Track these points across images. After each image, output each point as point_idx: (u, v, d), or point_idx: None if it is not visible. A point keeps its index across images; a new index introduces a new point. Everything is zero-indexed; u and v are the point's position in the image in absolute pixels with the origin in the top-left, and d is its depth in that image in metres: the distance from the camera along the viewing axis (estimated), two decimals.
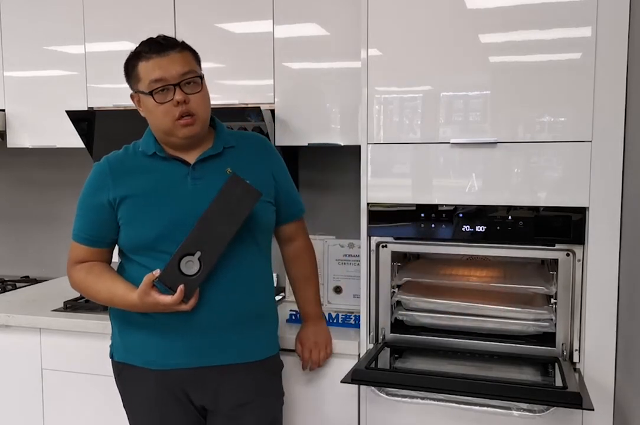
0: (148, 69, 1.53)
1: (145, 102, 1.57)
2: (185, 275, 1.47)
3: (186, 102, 1.53)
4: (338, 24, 2.10)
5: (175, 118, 1.54)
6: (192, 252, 1.47)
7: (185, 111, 1.53)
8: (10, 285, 2.67)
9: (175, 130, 1.56)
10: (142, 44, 1.57)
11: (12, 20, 2.48)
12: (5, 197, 3.01)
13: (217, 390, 1.64)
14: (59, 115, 2.31)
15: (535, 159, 1.70)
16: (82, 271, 1.64)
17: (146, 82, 1.54)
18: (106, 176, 1.61)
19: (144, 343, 1.62)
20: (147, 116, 1.61)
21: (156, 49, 1.53)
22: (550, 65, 1.67)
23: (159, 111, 1.54)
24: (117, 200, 1.59)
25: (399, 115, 1.81)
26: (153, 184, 1.59)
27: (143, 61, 1.54)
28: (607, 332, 1.68)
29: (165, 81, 1.52)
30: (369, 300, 1.88)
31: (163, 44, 1.54)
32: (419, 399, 1.71)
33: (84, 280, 1.64)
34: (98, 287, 1.61)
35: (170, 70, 1.52)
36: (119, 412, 1.76)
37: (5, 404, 2.27)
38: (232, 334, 1.61)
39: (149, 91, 1.53)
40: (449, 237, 1.80)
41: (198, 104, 1.55)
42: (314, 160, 2.48)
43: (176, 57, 1.53)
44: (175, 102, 1.52)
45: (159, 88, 1.52)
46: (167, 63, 1.52)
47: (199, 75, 1.57)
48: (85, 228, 1.64)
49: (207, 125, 1.63)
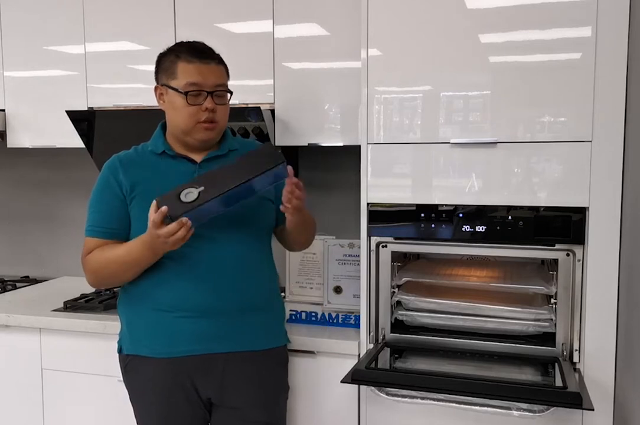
0: (188, 70, 1.61)
1: (173, 99, 1.64)
2: (181, 201, 1.50)
3: (213, 111, 1.63)
4: (338, 24, 2.10)
5: (200, 121, 1.62)
6: (195, 186, 1.51)
7: (211, 117, 1.63)
8: (10, 285, 2.67)
9: (194, 131, 1.64)
10: (185, 45, 1.65)
11: (12, 20, 2.48)
12: (5, 197, 3.01)
13: (223, 378, 1.66)
14: (59, 115, 2.31)
15: (535, 159, 1.70)
16: (97, 252, 1.65)
17: (183, 82, 1.61)
18: (117, 169, 1.67)
19: (152, 333, 1.65)
20: (170, 111, 1.67)
21: (199, 55, 1.62)
22: (550, 65, 1.67)
23: (187, 111, 1.62)
24: (129, 192, 1.64)
25: (399, 115, 1.81)
26: (161, 180, 1.65)
27: (184, 62, 1.62)
28: (607, 332, 1.68)
29: (201, 87, 1.61)
30: (369, 300, 1.89)
31: (206, 53, 1.64)
32: (419, 399, 1.71)
33: (102, 255, 1.64)
34: (117, 251, 1.62)
35: (208, 79, 1.62)
36: (119, 412, 1.77)
37: (5, 404, 2.27)
38: (238, 322, 1.65)
39: (185, 92, 1.60)
40: (449, 237, 1.80)
41: (221, 114, 1.66)
42: (314, 160, 2.48)
43: (215, 68, 1.64)
44: (204, 108, 1.61)
45: (194, 91, 1.60)
46: (207, 71, 1.62)
47: (228, 90, 1.68)
48: (102, 221, 1.66)
49: (221, 134, 1.73)
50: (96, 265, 1.65)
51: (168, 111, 1.68)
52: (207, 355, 1.64)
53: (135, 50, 2.30)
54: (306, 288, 2.35)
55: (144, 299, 1.65)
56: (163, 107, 1.69)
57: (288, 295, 2.34)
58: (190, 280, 1.62)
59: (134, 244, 1.60)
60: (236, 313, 1.65)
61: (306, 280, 2.35)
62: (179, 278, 1.62)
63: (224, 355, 1.65)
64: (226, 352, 1.65)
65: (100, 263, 1.64)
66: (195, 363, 1.64)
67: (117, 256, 1.62)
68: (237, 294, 1.65)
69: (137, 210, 1.63)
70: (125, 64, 2.31)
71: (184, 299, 1.62)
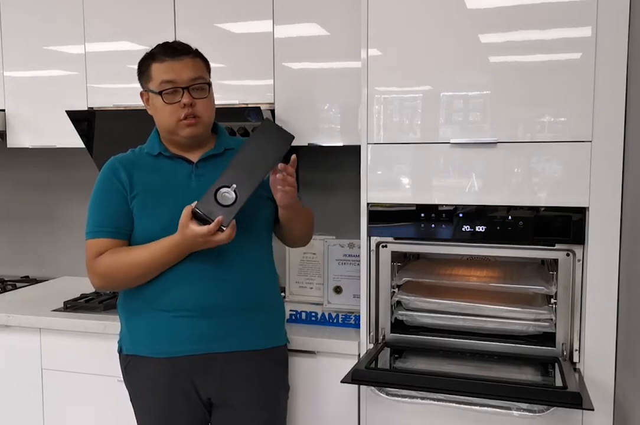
0: (161, 70, 1.61)
1: (154, 101, 1.65)
2: (222, 205, 1.51)
3: (192, 106, 1.61)
4: (338, 24, 2.10)
5: (180, 118, 1.62)
6: (227, 185, 1.52)
7: (190, 113, 1.62)
8: (10, 285, 2.67)
9: (178, 129, 1.64)
10: (158, 46, 1.65)
11: (12, 20, 2.48)
12: (5, 197, 3.01)
13: (223, 378, 1.66)
14: (59, 115, 2.31)
15: (535, 159, 1.70)
16: (109, 255, 1.62)
17: (157, 82, 1.62)
18: (118, 169, 1.67)
19: (152, 333, 1.65)
20: (154, 114, 1.69)
21: (171, 53, 1.61)
22: (550, 65, 1.67)
23: (166, 111, 1.62)
24: (130, 191, 1.64)
25: (399, 115, 1.81)
26: (159, 180, 1.66)
27: (157, 62, 1.62)
28: (607, 332, 1.68)
29: (175, 83, 1.60)
30: (369, 300, 1.89)
31: (178, 49, 1.63)
32: (419, 399, 1.71)
33: (115, 260, 1.61)
34: (133, 254, 1.60)
35: (182, 74, 1.61)
36: (119, 412, 1.77)
37: (5, 404, 2.28)
38: (239, 321, 1.65)
39: (159, 91, 1.61)
40: (449, 237, 1.80)
41: (203, 108, 1.64)
42: (314, 160, 2.48)
43: (189, 63, 1.62)
44: (182, 104, 1.61)
45: (168, 89, 1.60)
46: (179, 67, 1.61)
47: (207, 82, 1.66)
48: (108, 221, 1.64)
49: (209, 128, 1.71)
50: (107, 268, 1.62)
51: (153, 114, 1.68)
52: (208, 355, 1.64)
53: (135, 50, 2.29)
54: (306, 288, 2.35)
55: (144, 299, 1.65)
56: (150, 112, 1.69)
57: (288, 295, 2.35)
58: (190, 280, 1.62)
59: (158, 248, 1.58)
60: (237, 312, 1.65)
61: (306, 280, 2.35)
62: (179, 278, 1.62)
63: (224, 355, 1.65)
64: (226, 351, 1.65)
65: (114, 267, 1.61)
66: (195, 363, 1.64)
67: (135, 260, 1.59)
68: (238, 294, 1.65)
69: (136, 211, 1.63)
70: (125, 64, 2.30)
71: (185, 299, 1.62)
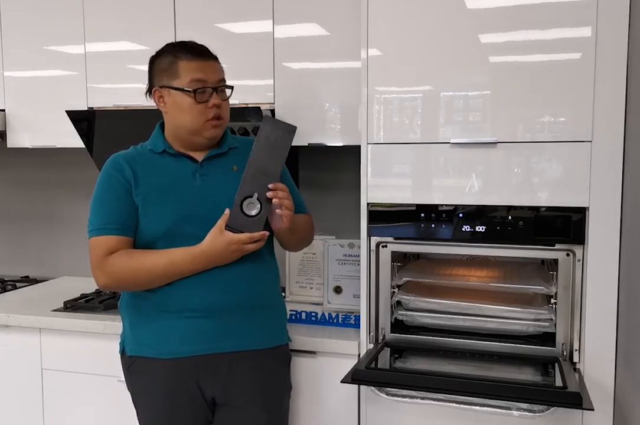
0: (190, 68, 1.60)
1: (178, 99, 1.62)
2: (249, 216, 1.56)
3: (220, 107, 1.63)
4: (338, 24, 2.10)
5: (208, 119, 1.62)
6: (250, 195, 1.55)
7: (218, 114, 1.63)
8: (10, 285, 2.67)
9: (203, 130, 1.64)
10: (178, 46, 1.65)
11: (12, 20, 2.48)
12: (5, 197, 3.02)
13: (228, 378, 1.65)
14: (59, 115, 2.31)
15: (535, 159, 1.70)
16: (123, 256, 1.59)
17: (186, 80, 1.60)
18: (121, 166, 1.64)
19: (156, 334, 1.64)
20: (174, 112, 1.64)
21: (197, 53, 1.62)
22: (550, 65, 1.67)
23: (196, 110, 1.61)
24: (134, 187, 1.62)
25: (399, 115, 1.81)
26: (163, 178, 1.65)
27: (185, 61, 1.61)
28: (607, 332, 1.68)
29: (206, 83, 1.61)
30: (369, 300, 1.89)
31: (203, 50, 1.64)
32: (419, 399, 1.71)
33: (130, 261, 1.59)
34: (152, 259, 1.58)
35: (211, 75, 1.62)
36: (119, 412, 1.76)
37: (5, 404, 2.28)
38: (243, 321, 1.65)
39: (194, 89, 1.59)
40: (449, 237, 1.80)
41: (226, 110, 1.67)
42: (314, 160, 2.48)
43: (215, 65, 1.65)
44: (211, 104, 1.61)
45: (200, 88, 1.60)
46: (208, 67, 1.62)
47: (230, 85, 1.68)
48: (115, 218, 1.62)
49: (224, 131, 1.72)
50: (118, 270, 1.59)
51: (172, 113, 1.64)
52: (212, 355, 1.64)
53: (135, 50, 2.30)
54: (306, 288, 2.35)
55: (149, 300, 1.64)
56: (165, 109, 1.66)
57: (288, 295, 2.34)
58: (194, 280, 1.61)
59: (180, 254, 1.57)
60: (241, 312, 1.64)
61: (306, 280, 2.35)
62: (185, 279, 1.60)
63: (229, 355, 1.65)
64: (231, 351, 1.65)
65: (126, 269, 1.58)
66: (200, 363, 1.63)
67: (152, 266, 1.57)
68: (243, 293, 1.64)
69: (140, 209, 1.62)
70: (125, 64, 2.31)
71: (189, 300, 1.61)
